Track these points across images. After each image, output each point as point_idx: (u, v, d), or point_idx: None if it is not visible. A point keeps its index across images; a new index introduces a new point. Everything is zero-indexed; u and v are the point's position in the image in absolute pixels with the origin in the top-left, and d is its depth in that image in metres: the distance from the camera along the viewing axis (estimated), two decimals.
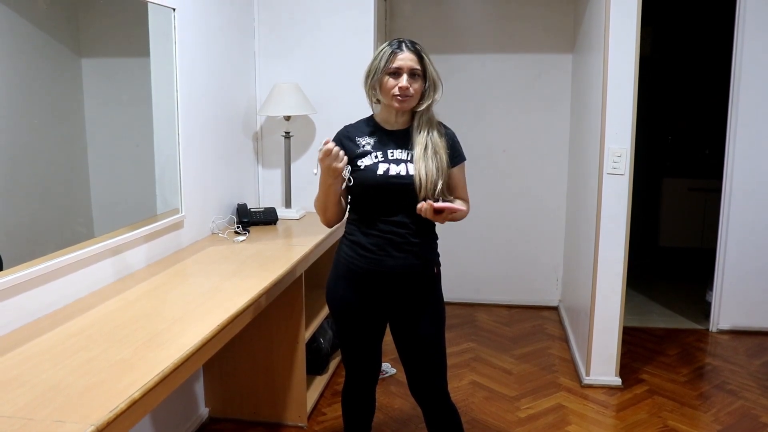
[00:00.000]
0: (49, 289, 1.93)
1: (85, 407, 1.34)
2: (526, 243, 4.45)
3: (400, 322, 2.11)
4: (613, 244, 3.12)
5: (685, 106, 5.65)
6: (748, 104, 3.75)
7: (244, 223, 3.09)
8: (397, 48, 1.96)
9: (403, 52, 1.95)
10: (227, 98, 3.18)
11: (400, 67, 1.94)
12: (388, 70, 1.95)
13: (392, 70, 1.95)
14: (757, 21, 3.65)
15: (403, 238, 2.01)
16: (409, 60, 1.95)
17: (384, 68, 1.96)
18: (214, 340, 1.79)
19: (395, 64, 1.94)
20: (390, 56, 1.95)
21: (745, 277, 3.92)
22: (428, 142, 2.00)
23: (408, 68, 1.95)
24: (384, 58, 1.96)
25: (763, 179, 3.82)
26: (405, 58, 1.95)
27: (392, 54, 1.95)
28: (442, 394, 2.14)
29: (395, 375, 3.36)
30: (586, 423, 2.90)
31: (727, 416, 2.95)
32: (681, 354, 3.67)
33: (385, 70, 1.96)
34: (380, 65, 1.96)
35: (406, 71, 1.94)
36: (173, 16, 2.58)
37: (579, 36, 3.90)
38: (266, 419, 2.91)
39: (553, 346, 3.79)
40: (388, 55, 1.96)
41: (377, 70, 1.97)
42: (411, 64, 1.95)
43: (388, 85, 1.96)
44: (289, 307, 2.77)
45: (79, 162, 2.15)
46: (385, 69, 1.95)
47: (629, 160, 3.04)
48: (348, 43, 3.46)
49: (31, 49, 1.90)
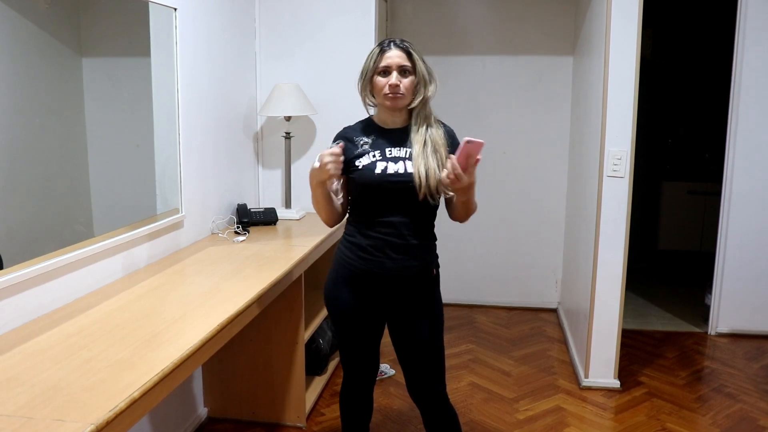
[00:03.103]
0: (49, 289, 1.93)
1: (85, 406, 1.34)
2: (526, 245, 4.45)
3: (398, 324, 2.12)
4: (612, 246, 3.12)
5: (685, 109, 5.65)
6: (749, 108, 3.75)
7: (244, 224, 3.09)
8: (386, 47, 1.97)
9: (391, 50, 1.97)
10: (228, 98, 3.18)
11: (388, 65, 1.96)
12: (377, 69, 1.97)
13: (381, 69, 1.96)
14: (757, 24, 3.65)
15: (402, 240, 2.00)
16: (397, 57, 1.96)
17: (373, 68, 1.97)
18: (214, 340, 1.79)
19: (383, 62, 1.96)
20: (378, 56, 1.97)
21: (744, 280, 3.92)
22: (427, 139, 2.00)
23: (396, 65, 1.96)
24: (373, 59, 1.98)
25: (763, 183, 3.82)
26: (393, 55, 1.96)
27: (380, 53, 1.97)
28: (441, 396, 2.14)
29: (394, 376, 3.36)
30: (585, 425, 2.91)
31: (725, 419, 2.95)
32: (680, 357, 3.67)
33: (374, 70, 1.97)
34: (370, 65, 1.99)
35: (395, 68, 1.96)
36: (174, 16, 2.58)
37: (580, 38, 3.90)
38: (265, 419, 2.91)
39: (552, 348, 3.79)
40: (376, 55, 1.98)
41: (367, 71, 2.00)
42: (399, 61, 1.96)
43: (379, 85, 1.97)
44: (288, 308, 2.77)
45: (80, 161, 2.15)
46: (375, 69, 1.97)
47: (629, 162, 3.04)
48: (349, 45, 3.46)
49: (32, 48, 1.90)
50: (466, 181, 1.85)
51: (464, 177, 1.83)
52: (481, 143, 1.79)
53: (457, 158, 1.82)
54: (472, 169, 1.84)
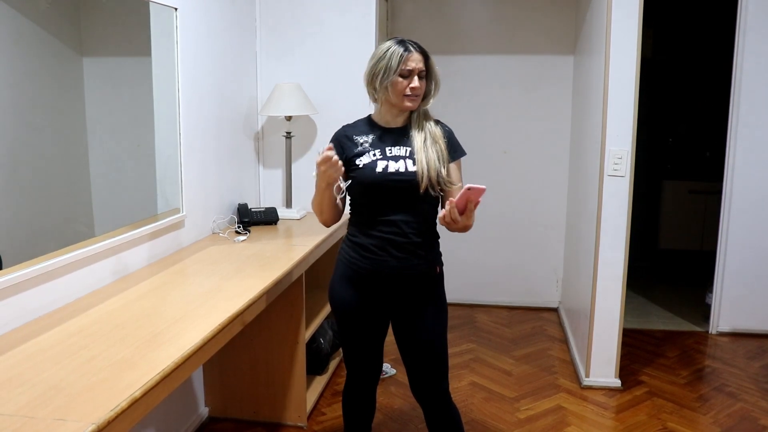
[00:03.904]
0: (50, 288, 1.93)
1: (86, 406, 1.34)
2: (527, 244, 4.45)
3: (402, 323, 2.12)
4: (613, 245, 3.12)
5: (686, 109, 5.65)
6: (749, 107, 3.75)
7: (244, 223, 3.09)
8: (407, 50, 1.97)
9: (413, 53, 1.97)
10: (229, 98, 3.18)
11: (413, 69, 1.96)
12: (401, 72, 1.96)
13: (405, 72, 1.96)
14: (758, 24, 3.65)
15: (404, 238, 2.01)
16: (419, 61, 1.98)
17: (397, 68, 1.96)
18: (215, 340, 1.79)
19: (408, 65, 1.96)
20: (401, 57, 1.95)
21: (745, 279, 3.92)
22: (426, 134, 2.03)
23: (419, 70, 1.97)
24: (395, 59, 1.95)
25: (764, 182, 3.82)
26: (416, 59, 1.97)
27: (403, 55, 1.96)
28: (444, 395, 2.14)
29: (395, 375, 3.36)
30: (586, 424, 2.90)
31: (726, 418, 2.95)
32: (680, 356, 3.67)
33: (398, 71, 1.96)
34: (392, 65, 1.96)
35: (417, 72, 1.97)
36: (175, 16, 2.58)
37: (580, 38, 3.90)
38: (266, 419, 2.91)
39: (552, 348, 3.79)
40: (399, 55, 1.96)
41: (389, 71, 1.96)
42: (421, 65, 1.98)
43: (400, 86, 1.97)
44: (289, 307, 2.77)
45: (80, 161, 2.15)
46: (399, 70, 1.96)
47: (630, 162, 3.04)
48: (349, 44, 3.46)
49: (33, 47, 1.90)
50: (462, 225, 1.90)
51: (460, 221, 1.88)
52: (482, 189, 1.81)
53: (456, 201, 1.85)
54: (470, 213, 1.89)
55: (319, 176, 1.93)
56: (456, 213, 1.87)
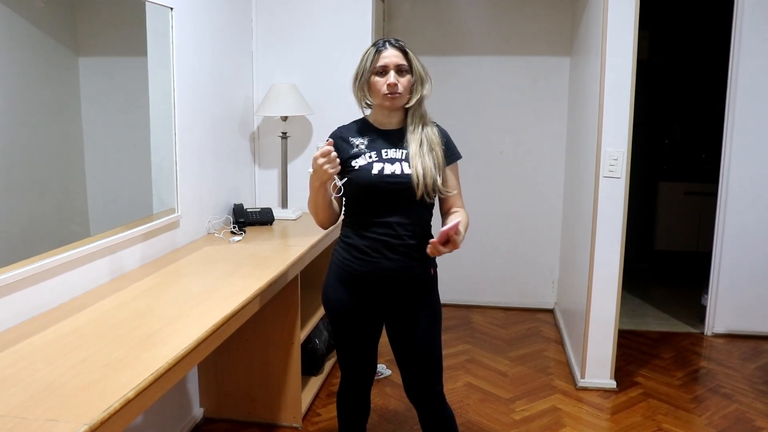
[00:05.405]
0: (44, 288, 1.93)
1: (79, 406, 1.34)
2: (522, 245, 4.45)
3: (396, 324, 2.11)
4: (608, 247, 3.12)
5: (682, 110, 5.66)
6: (745, 108, 3.76)
7: (240, 224, 3.09)
8: (381, 47, 1.97)
9: (387, 49, 1.97)
10: (224, 98, 3.17)
11: (385, 65, 1.95)
12: (374, 69, 1.96)
13: (379, 69, 1.96)
14: (754, 25, 3.66)
15: (399, 240, 2.00)
16: (394, 56, 1.96)
17: (370, 68, 1.96)
18: (209, 340, 1.79)
19: (381, 62, 1.95)
20: (375, 56, 1.96)
21: (741, 281, 3.93)
22: (423, 139, 2.01)
23: (394, 65, 1.96)
24: (369, 59, 1.97)
25: (760, 184, 3.83)
26: (389, 55, 1.96)
27: (377, 53, 1.96)
28: (438, 397, 2.14)
29: (390, 376, 3.36)
30: (581, 425, 2.91)
31: (721, 420, 2.95)
32: (676, 357, 3.68)
33: (371, 70, 1.97)
34: (366, 66, 1.98)
35: (392, 68, 1.96)
36: (171, 16, 2.58)
37: (576, 39, 3.91)
38: (261, 420, 2.90)
39: (548, 349, 3.79)
40: (372, 55, 1.97)
41: (364, 71, 1.98)
42: (396, 60, 1.96)
43: (377, 85, 1.97)
44: (284, 308, 2.77)
45: (76, 161, 2.15)
46: (372, 69, 1.96)
47: (626, 163, 3.05)
48: (346, 44, 3.45)
49: (29, 47, 1.90)
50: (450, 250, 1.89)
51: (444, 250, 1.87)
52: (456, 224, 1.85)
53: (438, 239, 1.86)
54: (454, 242, 1.86)
55: (314, 173, 1.92)
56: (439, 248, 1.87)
